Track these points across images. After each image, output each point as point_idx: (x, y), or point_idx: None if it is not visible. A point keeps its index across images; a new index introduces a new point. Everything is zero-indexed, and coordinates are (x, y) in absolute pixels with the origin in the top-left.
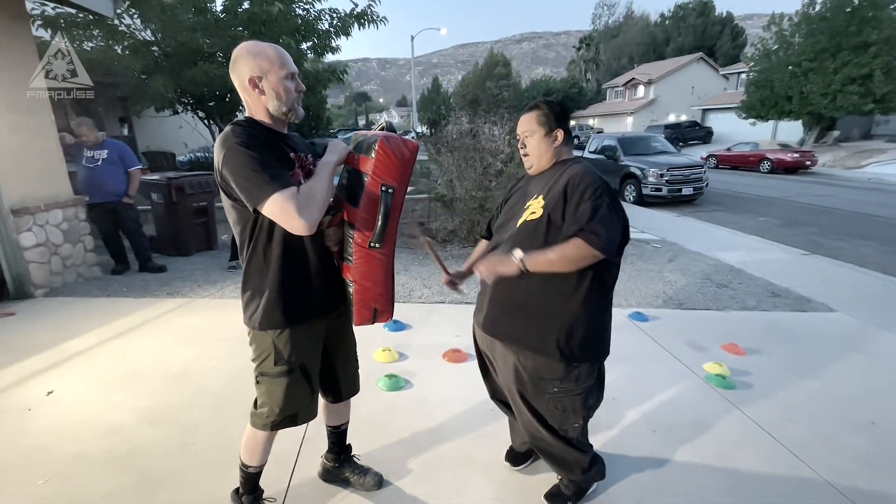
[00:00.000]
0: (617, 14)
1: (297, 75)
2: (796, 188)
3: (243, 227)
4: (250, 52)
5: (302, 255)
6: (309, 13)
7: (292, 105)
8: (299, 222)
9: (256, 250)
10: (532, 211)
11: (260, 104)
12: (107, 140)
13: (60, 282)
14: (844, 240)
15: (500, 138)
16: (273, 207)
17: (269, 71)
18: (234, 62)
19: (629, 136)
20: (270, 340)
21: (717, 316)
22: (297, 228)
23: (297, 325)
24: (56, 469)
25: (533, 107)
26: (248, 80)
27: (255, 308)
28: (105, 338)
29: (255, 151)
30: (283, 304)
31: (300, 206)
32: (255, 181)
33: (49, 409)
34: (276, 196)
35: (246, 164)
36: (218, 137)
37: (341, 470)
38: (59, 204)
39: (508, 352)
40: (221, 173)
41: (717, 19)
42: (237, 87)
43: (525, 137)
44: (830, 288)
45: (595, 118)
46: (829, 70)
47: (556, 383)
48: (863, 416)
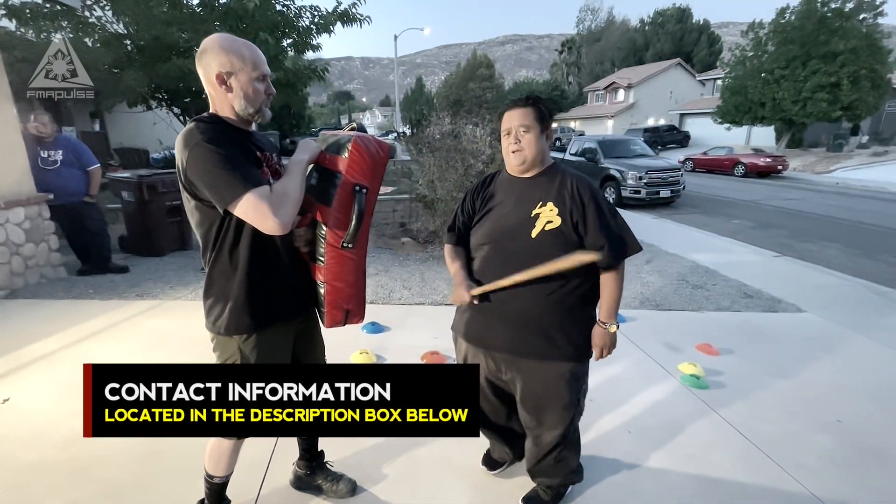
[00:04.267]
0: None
1: (268, 77)
2: (768, 192)
3: (208, 228)
4: (222, 47)
5: (270, 256)
6: (289, 9)
7: (260, 107)
8: (274, 222)
9: (222, 252)
10: (548, 220)
11: (226, 101)
12: (61, 137)
13: (22, 283)
14: (813, 242)
15: (481, 139)
16: (246, 207)
17: (241, 70)
18: (203, 53)
19: (609, 139)
20: (236, 346)
21: (692, 316)
22: (272, 228)
23: (265, 329)
24: (13, 480)
25: (531, 102)
26: (217, 75)
27: (220, 312)
28: (68, 342)
29: (222, 149)
30: (250, 307)
31: (274, 206)
32: (226, 180)
33: (5, 418)
34: (249, 195)
35: (215, 163)
36: (180, 134)
37: (313, 477)
38: (20, 202)
39: (540, 367)
40: (185, 172)
41: (695, 26)
42: (202, 79)
43: (521, 132)
44: (800, 289)
45: (576, 121)
46: (799, 78)
47: (578, 385)
48: (829, 414)
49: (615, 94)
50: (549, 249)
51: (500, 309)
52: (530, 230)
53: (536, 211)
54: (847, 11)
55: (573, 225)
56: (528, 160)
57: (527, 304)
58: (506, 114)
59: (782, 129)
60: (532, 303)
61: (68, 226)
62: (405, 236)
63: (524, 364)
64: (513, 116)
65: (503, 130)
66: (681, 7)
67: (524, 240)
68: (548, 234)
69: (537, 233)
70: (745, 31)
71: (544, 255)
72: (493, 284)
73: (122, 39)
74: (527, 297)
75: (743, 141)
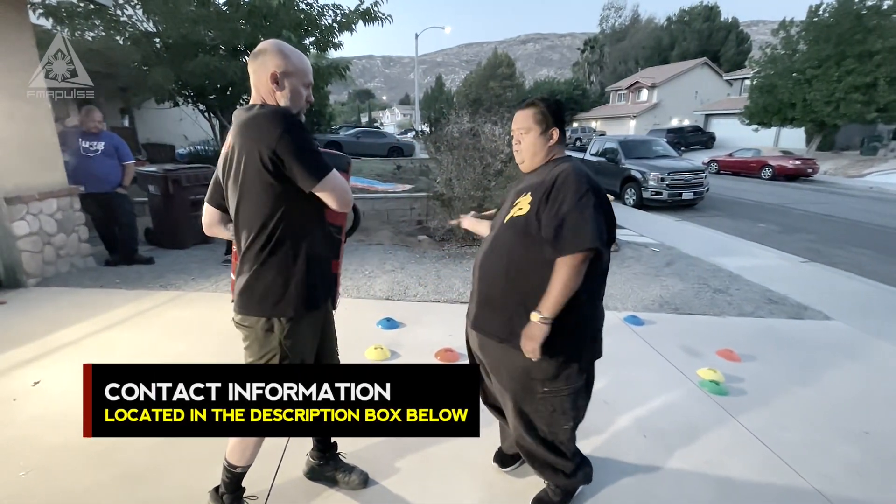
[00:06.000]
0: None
1: (311, 87)
2: (797, 195)
3: (271, 211)
4: (281, 51)
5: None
6: (312, 8)
7: (300, 110)
8: (350, 198)
9: (287, 234)
10: (519, 207)
11: (274, 99)
12: (104, 132)
13: (53, 271)
14: (843, 247)
15: (500, 138)
16: (334, 182)
17: (294, 74)
18: (261, 53)
19: (631, 140)
20: (277, 340)
21: (714, 321)
22: (347, 204)
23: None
24: (37, 461)
25: (530, 104)
26: (272, 73)
27: (279, 295)
28: (95, 329)
29: (306, 132)
30: (307, 291)
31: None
32: (319, 161)
33: (34, 400)
34: (335, 173)
35: (309, 143)
36: (260, 114)
37: (326, 468)
38: (53, 193)
39: (499, 351)
40: (275, 151)
41: (723, 24)
42: (254, 76)
43: (520, 134)
44: (828, 296)
45: (598, 121)
46: (833, 77)
47: (547, 383)
48: (856, 424)
49: (638, 93)
50: (509, 235)
51: (477, 285)
52: (504, 217)
53: (517, 201)
54: (885, 9)
55: (536, 212)
56: (525, 160)
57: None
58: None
59: (813, 130)
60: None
61: (100, 216)
62: (422, 234)
63: (487, 346)
64: (516, 120)
65: None
66: (708, 5)
67: (497, 226)
68: (512, 220)
69: (507, 218)
70: (776, 29)
71: (501, 241)
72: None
73: (151, 37)
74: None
75: (771, 143)
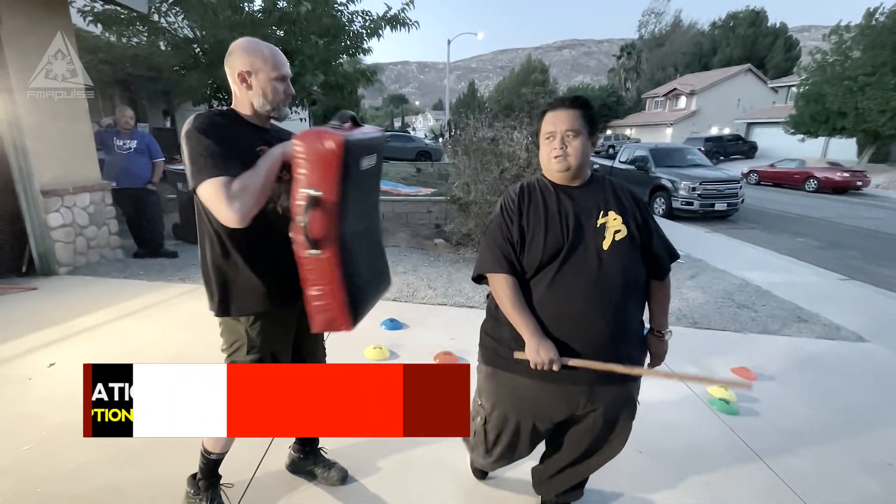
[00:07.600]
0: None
1: (288, 78)
2: (843, 209)
3: (202, 208)
4: (245, 49)
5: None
6: (342, 14)
7: (277, 105)
8: (228, 213)
9: (221, 237)
10: (615, 229)
11: (245, 98)
12: (137, 131)
13: (84, 261)
14: (888, 266)
15: (518, 143)
16: (204, 194)
17: (260, 70)
18: (229, 55)
19: (663, 147)
20: (244, 329)
21: (733, 337)
22: (227, 219)
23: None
24: (42, 435)
25: (579, 104)
26: (238, 73)
27: (223, 296)
28: (113, 317)
29: (207, 138)
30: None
31: (231, 197)
32: (198, 166)
33: (47, 381)
34: (208, 182)
35: (196, 149)
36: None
37: (306, 462)
38: (87, 188)
39: (622, 389)
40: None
41: (770, 30)
42: (228, 78)
43: (569, 137)
44: (865, 316)
45: (632, 128)
46: (889, 85)
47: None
48: (878, 456)
49: (676, 100)
50: (623, 260)
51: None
52: (601, 242)
53: (601, 221)
54: None
55: (638, 231)
56: (572, 168)
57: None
58: (549, 114)
59: (865, 141)
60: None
61: (130, 210)
62: (439, 237)
63: (604, 391)
64: (559, 118)
65: (544, 133)
66: (755, 10)
67: (595, 252)
68: (620, 244)
69: (609, 244)
70: (828, 34)
71: (617, 267)
72: (589, 363)
73: (190, 43)
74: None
75: (819, 154)
